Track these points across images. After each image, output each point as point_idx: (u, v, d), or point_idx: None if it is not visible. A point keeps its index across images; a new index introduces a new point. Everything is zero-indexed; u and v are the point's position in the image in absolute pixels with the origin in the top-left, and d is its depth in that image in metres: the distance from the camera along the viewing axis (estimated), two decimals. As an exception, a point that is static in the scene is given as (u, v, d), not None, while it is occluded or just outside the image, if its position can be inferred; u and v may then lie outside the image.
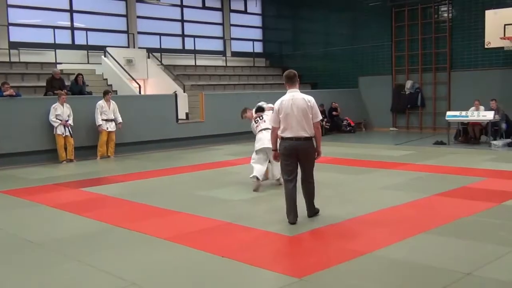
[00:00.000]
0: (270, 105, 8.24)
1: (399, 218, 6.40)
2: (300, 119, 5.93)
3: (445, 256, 4.91)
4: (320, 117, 6.18)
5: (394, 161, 11.14)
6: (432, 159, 11.44)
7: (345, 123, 18.75)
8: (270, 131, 8.16)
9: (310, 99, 6.05)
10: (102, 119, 12.85)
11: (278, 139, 6.21)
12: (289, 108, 5.95)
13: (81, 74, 14.17)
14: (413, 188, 8.22)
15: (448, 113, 14.81)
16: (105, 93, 13.14)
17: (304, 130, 5.95)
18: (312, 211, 6.27)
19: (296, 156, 6.01)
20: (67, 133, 12.31)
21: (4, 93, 12.10)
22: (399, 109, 19.18)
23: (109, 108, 12.98)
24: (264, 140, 8.13)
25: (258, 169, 8.14)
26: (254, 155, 8.37)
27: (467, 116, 14.02)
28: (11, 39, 16.00)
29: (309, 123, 5.98)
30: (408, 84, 18.70)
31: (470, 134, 14.26)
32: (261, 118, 8.61)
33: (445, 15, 17.96)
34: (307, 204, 6.23)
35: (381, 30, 19.41)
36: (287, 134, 5.98)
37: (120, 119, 13.11)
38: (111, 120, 13.04)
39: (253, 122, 8.74)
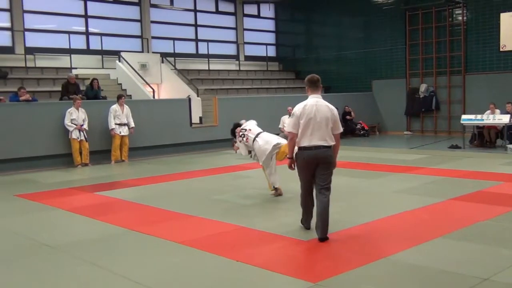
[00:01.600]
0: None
1: (414, 223, 6.35)
2: (322, 127, 5.54)
3: (462, 261, 4.86)
4: (341, 130, 5.80)
5: (409, 165, 11.07)
6: (447, 163, 11.35)
7: (359, 126, 18.70)
8: (265, 133, 7.97)
9: (333, 108, 5.70)
10: (116, 123, 12.93)
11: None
12: (312, 113, 5.54)
13: (96, 79, 14.30)
14: (428, 192, 8.15)
15: (463, 116, 14.69)
16: (119, 97, 13.23)
17: (325, 139, 5.55)
18: (325, 233, 5.52)
19: (315, 166, 5.58)
20: (82, 138, 12.40)
21: (21, 98, 12.25)
22: (413, 112, 19.07)
23: (122, 112, 13.05)
24: (269, 140, 7.76)
25: (277, 179, 7.91)
26: (266, 165, 7.83)
27: (482, 120, 13.89)
28: (27, 45, 16.17)
29: (329, 133, 5.59)
30: (423, 87, 18.58)
31: (485, 138, 14.11)
32: (244, 130, 8.11)
33: (460, 18, 17.83)
34: (320, 224, 5.53)
35: (395, 34, 19.33)
36: (305, 143, 5.56)
37: (132, 124, 13.18)
38: (124, 124, 13.11)
39: (240, 139, 8.12)
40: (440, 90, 18.49)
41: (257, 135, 7.92)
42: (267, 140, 7.78)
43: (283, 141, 7.57)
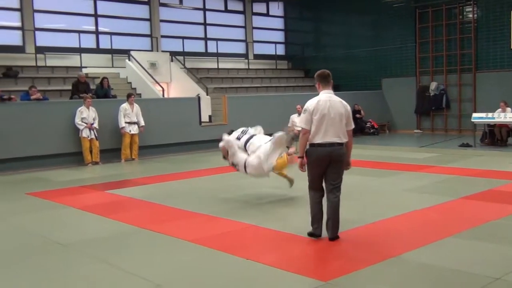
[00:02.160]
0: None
1: (425, 222, 6.32)
2: (336, 123, 5.38)
3: (473, 260, 4.84)
4: (353, 126, 5.65)
5: (419, 164, 11.02)
6: (457, 161, 11.29)
7: (368, 125, 18.63)
8: (258, 136, 7.66)
9: (346, 104, 5.56)
10: (126, 122, 12.98)
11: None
12: (326, 109, 5.36)
13: (106, 78, 14.37)
14: (438, 191, 8.11)
15: (474, 114, 14.60)
16: (128, 96, 13.28)
17: (338, 136, 5.40)
18: (335, 233, 5.50)
19: (328, 164, 5.42)
20: (93, 136, 12.46)
21: (32, 97, 12.33)
22: (423, 111, 18.97)
23: (132, 111, 13.10)
24: (261, 139, 7.51)
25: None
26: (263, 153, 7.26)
27: (493, 118, 13.79)
28: (38, 44, 16.26)
29: (343, 129, 5.45)
30: (433, 85, 18.48)
31: (496, 136, 14.01)
32: (242, 132, 7.76)
33: (470, 15, 17.71)
34: (331, 224, 5.47)
35: (404, 31, 19.23)
36: (319, 140, 5.38)
37: (142, 123, 13.22)
38: (134, 123, 13.16)
39: (234, 143, 7.66)
40: (451, 88, 18.38)
41: (251, 136, 7.63)
42: (259, 140, 7.55)
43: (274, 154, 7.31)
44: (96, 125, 12.53)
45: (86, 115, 12.42)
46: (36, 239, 6.11)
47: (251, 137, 7.55)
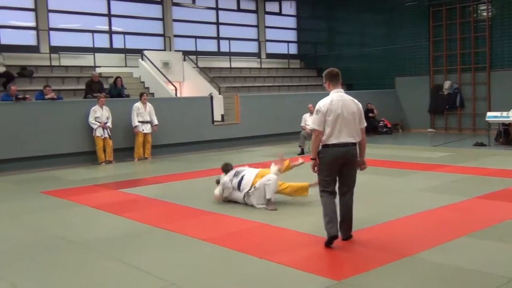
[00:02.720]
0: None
1: (439, 221, 6.28)
2: (350, 122, 5.26)
3: (488, 260, 4.80)
4: (365, 124, 5.51)
5: (433, 163, 10.95)
6: (472, 161, 11.20)
7: (381, 124, 18.54)
8: (247, 171, 7.46)
9: (358, 102, 5.43)
10: (138, 121, 13.05)
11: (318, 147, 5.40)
12: (339, 109, 5.22)
13: (120, 77, 14.46)
14: (453, 190, 8.06)
15: (489, 113, 14.47)
16: (141, 95, 13.35)
17: (352, 136, 5.28)
18: (349, 233, 5.46)
19: (341, 165, 5.29)
20: (106, 135, 12.54)
21: (46, 96, 12.44)
22: (437, 110, 18.84)
23: (145, 110, 13.16)
24: (252, 173, 7.44)
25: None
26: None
27: (508, 117, 13.65)
28: (52, 44, 16.41)
29: (357, 129, 5.34)
30: (447, 84, 18.35)
31: (511, 135, 13.88)
32: (235, 175, 7.55)
33: (484, 14, 17.56)
34: (344, 224, 5.40)
35: (418, 30, 19.11)
36: (333, 140, 5.23)
37: (156, 121, 13.28)
38: (147, 122, 13.22)
39: (229, 185, 7.47)
40: (465, 87, 18.24)
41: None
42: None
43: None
44: (109, 124, 12.61)
45: (100, 114, 12.51)
46: (51, 237, 6.16)
47: (242, 178, 7.44)
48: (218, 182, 7.72)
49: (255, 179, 7.31)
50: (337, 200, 5.44)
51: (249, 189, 7.26)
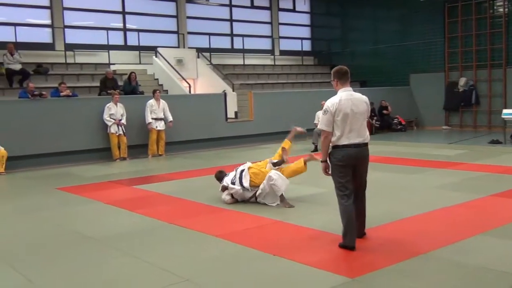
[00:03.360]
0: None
1: (454, 219, 6.24)
2: (360, 122, 5.10)
3: (504, 258, 4.76)
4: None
5: (448, 161, 10.87)
6: (487, 158, 11.10)
7: (395, 121, 18.43)
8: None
9: (366, 99, 5.27)
10: (152, 118, 13.10)
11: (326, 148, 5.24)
12: (348, 109, 5.03)
13: (134, 72, 14.48)
14: (468, 188, 7.99)
15: (505, 111, 14.33)
16: (154, 91, 13.40)
17: (363, 135, 5.14)
18: (362, 231, 5.38)
19: (354, 166, 5.12)
20: (121, 132, 12.62)
21: (61, 94, 12.55)
22: (452, 107, 18.69)
23: (158, 107, 13.21)
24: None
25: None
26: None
27: (524, 114, 13.53)
28: (67, 41, 16.53)
29: (366, 128, 5.21)
30: (462, 81, 18.19)
31: (527, 133, 13.75)
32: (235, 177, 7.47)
33: (501, 10, 17.37)
34: (358, 224, 5.29)
35: (433, 27, 18.96)
36: (344, 141, 5.05)
37: (170, 118, 13.33)
38: (161, 119, 13.26)
39: (236, 187, 7.35)
40: (480, 83, 18.06)
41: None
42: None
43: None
44: (124, 121, 12.69)
45: (114, 111, 12.59)
46: (66, 232, 6.23)
47: (241, 172, 7.42)
48: (222, 189, 7.65)
49: (251, 170, 7.34)
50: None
51: (257, 191, 7.22)
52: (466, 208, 6.74)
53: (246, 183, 7.27)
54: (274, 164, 7.51)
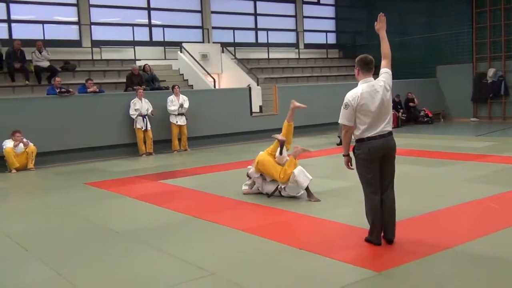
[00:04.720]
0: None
1: (483, 212, 6.14)
2: (383, 111, 4.85)
3: (534, 252, 4.67)
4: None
5: (476, 153, 10.69)
6: (517, 150, 10.88)
7: (422, 114, 18.19)
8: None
9: (386, 83, 5.00)
10: (172, 113, 13.21)
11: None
12: (370, 100, 4.81)
13: (147, 64, 14.85)
14: (497, 181, 7.85)
15: (535, 102, 14.02)
16: (173, 87, 13.49)
17: (388, 124, 4.87)
18: (393, 234, 5.02)
19: (381, 158, 4.86)
20: (147, 127, 12.75)
21: (88, 90, 12.72)
22: (480, 98, 18.35)
23: (178, 102, 13.28)
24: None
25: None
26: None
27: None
28: (93, 38, 16.73)
29: (390, 114, 4.93)
30: (490, 72, 17.84)
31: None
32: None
33: (531, -2, 16.96)
34: (388, 225, 4.98)
35: (460, 17, 18.61)
36: (368, 133, 4.81)
37: (185, 105, 13.29)
38: (181, 114, 13.33)
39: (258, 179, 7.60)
40: (509, 74, 17.68)
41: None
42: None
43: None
44: (152, 112, 12.84)
45: (139, 106, 12.72)
46: (93, 226, 6.33)
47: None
48: (248, 175, 7.77)
49: (259, 157, 7.55)
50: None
51: (281, 185, 7.28)
52: (495, 201, 6.62)
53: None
54: (280, 153, 7.61)
